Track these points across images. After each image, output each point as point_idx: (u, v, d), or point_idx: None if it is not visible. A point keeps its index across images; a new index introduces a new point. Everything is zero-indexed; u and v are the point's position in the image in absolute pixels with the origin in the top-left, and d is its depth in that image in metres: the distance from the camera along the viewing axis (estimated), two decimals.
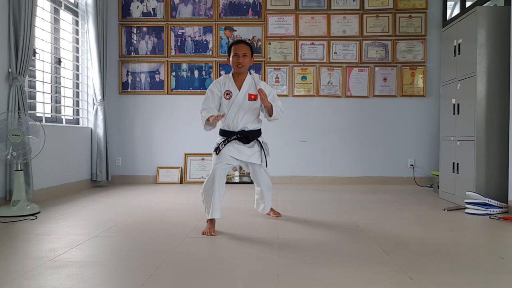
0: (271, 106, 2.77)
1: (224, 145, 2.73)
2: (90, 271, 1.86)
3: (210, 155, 4.29)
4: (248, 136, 2.77)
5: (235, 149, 2.75)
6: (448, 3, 5.13)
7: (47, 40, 4.12)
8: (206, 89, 4.95)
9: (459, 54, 3.80)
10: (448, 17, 5.12)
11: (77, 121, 4.80)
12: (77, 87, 4.83)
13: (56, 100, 4.36)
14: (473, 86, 3.53)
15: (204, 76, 5.25)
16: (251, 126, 2.81)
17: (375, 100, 5.24)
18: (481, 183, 3.46)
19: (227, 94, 2.78)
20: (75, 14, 4.75)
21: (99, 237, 2.46)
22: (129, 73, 5.27)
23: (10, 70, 3.38)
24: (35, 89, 3.93)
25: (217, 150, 2.73)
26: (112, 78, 5.23)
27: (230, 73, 2.85)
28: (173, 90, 5.26)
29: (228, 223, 2.82)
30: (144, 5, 5.25)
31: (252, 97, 2.78)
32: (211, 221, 2.62)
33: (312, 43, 5.22)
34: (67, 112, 4.59)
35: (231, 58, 2.77)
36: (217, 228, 2.63)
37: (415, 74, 5.18)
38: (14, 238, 2.45)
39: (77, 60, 4.82)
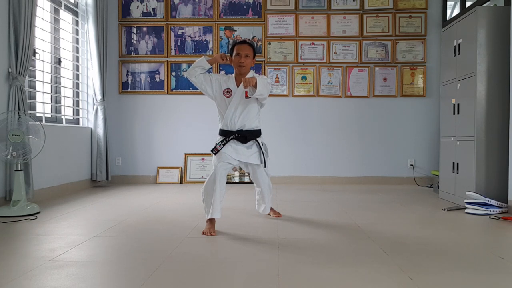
0: (255, 83, 2.54)
1: (223, 145, 2.72)
2: (90, 271, 1.86)
3: (210, 155, 4.29)
4: (246, 136, 2.76)
5: (233, 149, 2.74)
6: (448, 3, 5.13)
7: (47, 40, 4.12)
8: None
9: (459, 54, 3.80)
10: (448, 17, 5.12)
11: (77, 121, 4.80)
12: (77, 87, 4.83)
13: (56, 100, 4.36)
14: (473, 86, 3.53)
15: None
16: (249, 126, 2.80)
17: (375, 100, 5.24)
18: (481, 183, 3.46)
19: (227, 92, 2.78)
20: (75, 14, 4.75)
21: (99, 237, 2.46)
22: (129, 73, 5.27)
23: (10, 70, 3.39)
24: (35, 89, 3.93)
25: (214, 150, 2.72)
26: (112, 78, 5.23)
27: (233, 74, 2.85)
28: (173, 90, 5.26)
29: (228, 223, 2.82)
30: (144, 5, 5.25)
31: (248, 96, 2.75)
32: (211, 221, 2.62)
33: (312, 43, 5.22)
34: (67, 112, 4.59)
35: (233, 58, 2.77)
36: (217, 228, 2.63)
37: (415, 74, 5.18)
38: (14, 238, 2.45)
39: (77, 60, 4.82)
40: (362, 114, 5.24)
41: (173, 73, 5.25)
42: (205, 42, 5.25)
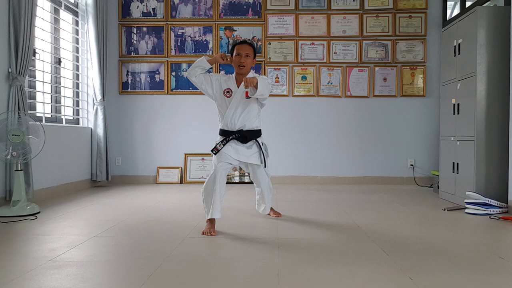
0: (256, 83, 2.56)
1: (223, 145, 2.72)
2: (90, 271, 1.86)
3: (210, 155, 4.29)
4: (246, 136, 2.76)
5: (233, 149, 2.74)
6: (448, 3, 5.13)
7: (47, 40, 4.12)
8: None
9: (459, 54, 3.80)
10: (448, 17, 5.12)
11: (77, 121, 4.80)
12: (77, 87, 4.83)
13: (56, 100, 4.36)
14: (473, 86, 3.53)
15: None
16: (249, 126, 2.80)
17: (375, 100, 5.24)
18: (481, 183, 3.46)
19: (227, 92, 2.78)
20: (75, 14, 4.75)
21: (99, 237, 2.46)
22: (129, 73, 5.27)
23: (10, 70, 3.39)
24: (35, 89, 3.93)
25: (214, 149, 2.72)
26: (112, 78, 5.23)
27: (233, 74, 2.85)
28: (173, 90, 5.27)
29: (228, 223, 2.82)
30: (144, 5, 5.25)
31: (249, 96, 2.75)
32: (211, 221, 2.62)
33: (312, 43, 5.22)
34: (67, 112, 4.59)
35: (233, 58, 2.78)
36: (217, 228, 2.63)
37: (415, 74, 5.18)
38: (14, 238, 2.45)
39: (77, 60, 4.82)
40: (362, 114, 5.24)
41: (173, 73, 5.25)
42: (205, 42, 5.25)
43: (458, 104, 3.78)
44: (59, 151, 4.15)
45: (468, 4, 4.59)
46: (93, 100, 4.89)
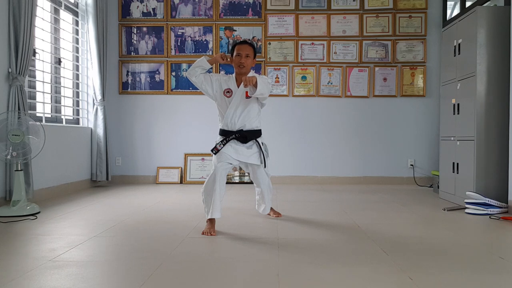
0: (256, 82, 2.56)
1: (223, 145, 2.72)
2: (90, 271, 1.86)
3: (210, 155, 4.29)
4: (246, 136, 2.76)
5: (233, 149, 2.74)
6: (448, 3, 5.13)
7: (47, 40, 4.12)
8: None
9: (459, 54, 3.80)
10: (448, 17, 5.12)
11: (77, 121, 4.80)
12: (77, 87, 4.83)
13: (56, 100, 4.36)
14: (473, 86, 3.53)
15: None
16: (249, 126, 2.79)
17: (375, 100, 5.24)
18: (481, 183, 3.46)
19: (227, 92, 2.78)
20: (75, 14, 4.75)
21: (99, 237, 2.46)
22: (129, 73, 5.27)
23: (10, 70, 3.38)
24: (35, 89, 3.93)
25: (214, 149, 2.72)
26: (112, 78, 5.23)
27: (233, 74, 2.85)
28: (173, 90, 5.27)
29: (228, 223, 2.82)
30: (144, 5, 5.25)
31: (249, 95, 2.75)
32: (211, 221, 2.62)
33: (312, 43, 5.22)
34: (67, 112, 4.59)
35: (233, 58, 2.78)
36: (217, 228, 2.63)
37: (415, 74, 5.18)
38: (14, 238, 2.45)
39: (77, 60, 4.82)
40: (362, 114, 5.24)
41: (173, 73, 5.25)
42: (205, 42, 5.25)
43: (458, 104, 3.78)
44: (59, 151, 4.15)
45: (468, 4, 4.59)
46: (93, 100, 4.89)
